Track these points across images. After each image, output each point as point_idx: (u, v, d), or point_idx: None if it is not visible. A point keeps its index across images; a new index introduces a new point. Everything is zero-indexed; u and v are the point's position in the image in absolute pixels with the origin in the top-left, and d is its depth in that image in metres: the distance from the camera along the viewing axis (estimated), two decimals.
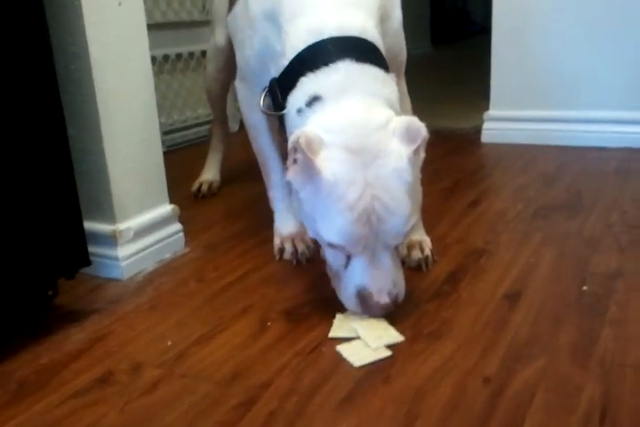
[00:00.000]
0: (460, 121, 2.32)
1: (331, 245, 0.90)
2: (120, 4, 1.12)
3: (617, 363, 0.82)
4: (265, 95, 1.03)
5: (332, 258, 0.94)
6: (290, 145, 0.89)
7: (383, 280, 0.91)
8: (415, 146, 0.89)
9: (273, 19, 1.00)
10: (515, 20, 1.97)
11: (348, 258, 0.91)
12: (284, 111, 0.98)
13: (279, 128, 1.07)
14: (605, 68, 1.90)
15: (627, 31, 1.85)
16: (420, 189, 0.96)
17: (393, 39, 1.07)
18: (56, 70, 0.99)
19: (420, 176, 0.95)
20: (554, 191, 1.55)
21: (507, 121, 2.05)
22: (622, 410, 0.73)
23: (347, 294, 0.93)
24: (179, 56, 2.30)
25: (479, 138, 2.10)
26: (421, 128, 0.90)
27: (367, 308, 0.92)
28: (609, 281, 1.05)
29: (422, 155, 0.94)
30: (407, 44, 1.16)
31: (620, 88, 1.90)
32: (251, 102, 1.16)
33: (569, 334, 0.90)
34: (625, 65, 1.88)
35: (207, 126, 2.35)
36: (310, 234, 0.95)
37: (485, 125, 2.08)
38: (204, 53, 2.29)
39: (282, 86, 0.98)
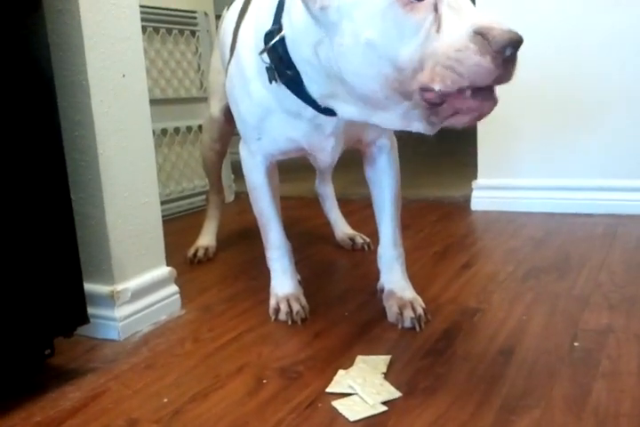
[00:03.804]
0: (449, 190, 2.40)
1: (405, 1, 0.77)
2: (124, 76, 1.20)
3: (611, 413, 0.83)
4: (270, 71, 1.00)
5: (418, 24, 0.77)
6: None
7: (487, 15, 0.76)
8: None
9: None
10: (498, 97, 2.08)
11: (435, 16, 0.77)
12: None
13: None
14: (588, 138, 1.99)
15: (608, 103, 1.96)
16: None
17: None
18: (62, 138, 1.05)
19: None
20: (543, 254, 1.59)
21: (495, 189, 2.11)
22: None
23: (460, 43, 0.75)
24: (177, 130, 2.40)
25: (468, 206, 2.16)
26: None
27: (493, 43, 0.73)
28: (600, 337, 1.07)
29: None
30: None
31: (604, 157, 1.98)
32: (253, 165, 1.21)
33: (563, 386, 0.91)
34: (606, 135, 1.97)
35: (202, 197, 2.41)
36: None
37: (474, 194, 2.14)
38: (200, 128, 2.39)
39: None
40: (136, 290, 1.21)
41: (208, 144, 1.70)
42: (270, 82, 1.01)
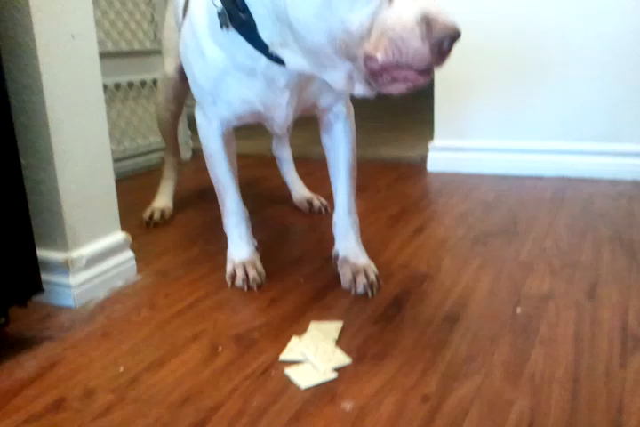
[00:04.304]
0: (407, 150, 2.42)
1: None
2: (73, 37, 1.16)
3: (546, 379, 0.88)
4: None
5: None
6: None
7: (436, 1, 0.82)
8: None
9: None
10: (455, 60, 2.08)
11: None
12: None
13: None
14: (539, 101, 2.03)
15: (561, 66, 1.98)
16: None
17: None
18: (10, 102, 1.02)
19: None
20: (493, 218, 1.64)
21: (450, 151, 2.15)
22: (548, 423, 0.79)
23: (406, 26, 0.79)
24: (130, 84, 2.33)
25: (425, 166, 2.19)
26: None
27: (435, 33, 0.79)
28: (541, 303, 1.13)
29: None
30: None
31: (556, 120, 2.02)
32: (209, 131, 1.21)
33: (503, 353, 0.96)
34: (560, 98, 2.01)
35: (158, 154, 2.38)
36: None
37: (430, 155, 2.17)
38: (155, 82, 2.33)
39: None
40: (91, 256, 1.21)
41: (163, 104, 1.67)
42: (222, 27, 0.99)
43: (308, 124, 1.26)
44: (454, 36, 0.80)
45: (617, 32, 1.90)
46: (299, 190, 1.78)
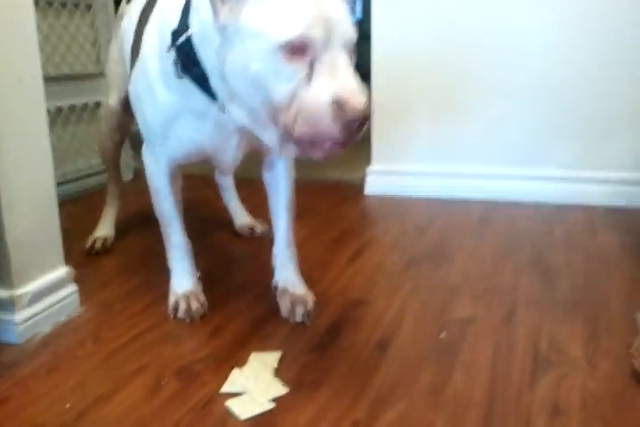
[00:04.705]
0: (348, 172, 2.50)
1: (289, 52, 0.89)
2: (19, 81, 1.19)
3: (463, 402, 0.97)
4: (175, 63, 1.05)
5: (292, 73, 0.90)
6: None
7: (353, 83, 0.90)
8: None
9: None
10: (392, 89, 2.18)
11: (309, 72, 0.90)
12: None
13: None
14: (472, 129, 2.15)
15: (491, 97, 2.12)
16: None
17: None
18: None
19: None
20: (424, 241, 1.74)
21: (387, 175, 2.25)
22: None
23: (319, 107, 0.89)
24: (72, 108, 2.35)
25: (364, 189, 2.28)
26: None
27: (345, 115, 0.87)
28: (462, 327, 1.22)
29: None
30: None
31: (485, 147, 2.15)
32: (156, 169, 1.25)
33: (427, 376, 1.05)
34: (489, 126, 2.14)
35: (100, 177, 2.38)
36: (256, 67, 0.91)
37: (368, 179, 2.27)
38: (97, 105, 2.35)
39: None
40: (35, 293, 1.23)
41: (106, 134, 1.70)
42: (177, 77, 1.06)
43: None
44: (363, 117, 0.88)
45: (544, 67, 2.04)
46: (241, 218, 1.84)
